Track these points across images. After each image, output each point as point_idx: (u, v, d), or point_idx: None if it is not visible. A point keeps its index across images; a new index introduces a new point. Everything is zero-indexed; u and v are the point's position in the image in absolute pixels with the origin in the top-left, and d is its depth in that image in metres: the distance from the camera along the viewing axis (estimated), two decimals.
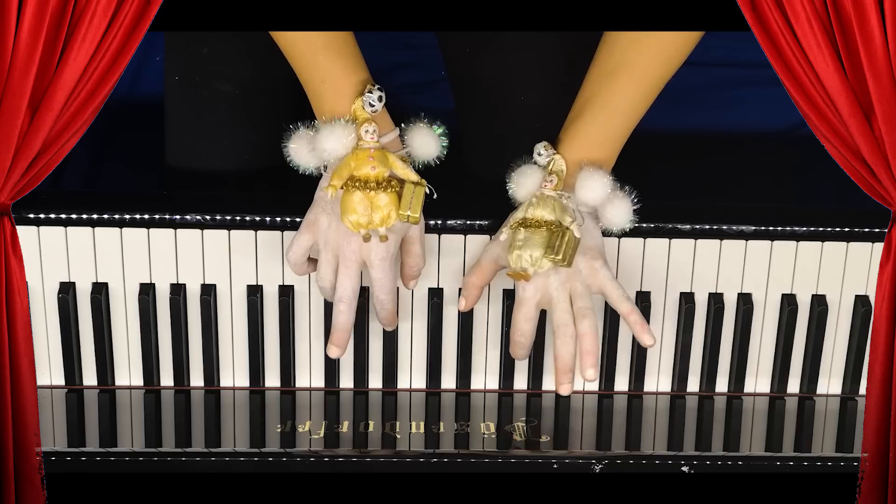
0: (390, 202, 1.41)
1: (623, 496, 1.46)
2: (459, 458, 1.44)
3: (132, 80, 1.99)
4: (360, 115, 1.41)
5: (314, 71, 1.42)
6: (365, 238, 1.41)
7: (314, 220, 1.44)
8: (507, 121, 1.62)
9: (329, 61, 1.41)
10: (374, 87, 1.41)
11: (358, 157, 1.41)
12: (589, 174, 1.43)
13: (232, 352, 1.54)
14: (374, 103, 1.41)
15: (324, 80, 1.42)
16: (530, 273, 1.43)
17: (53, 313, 1.51)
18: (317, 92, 1.43)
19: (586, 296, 1.44)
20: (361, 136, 1.41)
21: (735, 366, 1.56)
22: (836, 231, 1.52)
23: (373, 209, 1.40)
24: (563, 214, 1.43)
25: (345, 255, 1.43)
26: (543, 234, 1.42)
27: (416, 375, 1.55)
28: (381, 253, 1.43)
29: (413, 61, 2.04)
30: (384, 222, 1.41)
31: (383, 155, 1.42)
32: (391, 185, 1.41)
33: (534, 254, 1.42)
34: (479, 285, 1.48)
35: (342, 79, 1.42)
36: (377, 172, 1.41)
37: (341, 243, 1.43)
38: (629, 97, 1.44)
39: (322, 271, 1.45)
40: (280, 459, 1.43)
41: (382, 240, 1.42)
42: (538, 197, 1.45)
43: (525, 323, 1.46)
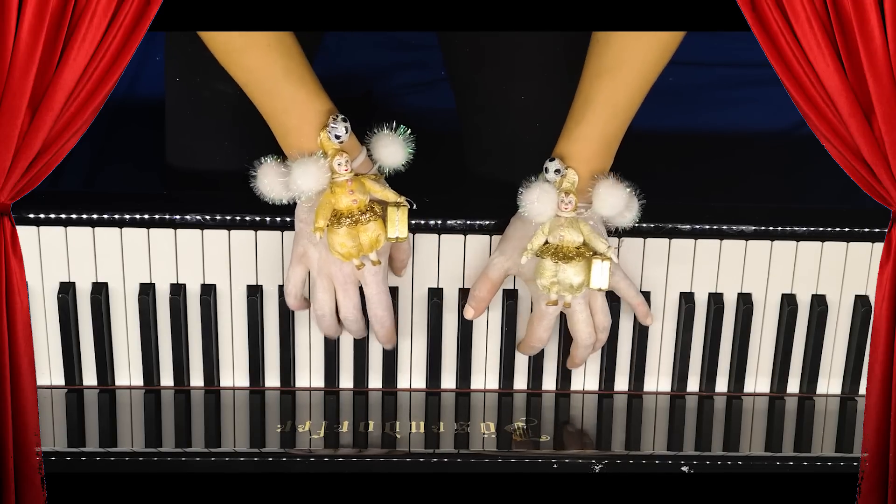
0: (377, 228, 1.41)
1: (623, 496, 1.46)
2: (459, 458, 1.44)
3: (132, 80, 1.99)
4: (329, 146, 1.40)
5: (277, 101, 1.41)
6: (358, 267, 1.43)
7: (303, 252, 1.45)
8: (507, 121, 1.62)
9: (292, 89, 1.40)
10: (338, 117, 1.40)
11: (335, 192, 1.40)
12: (606, 189, 1.42)
13: (232, 352, 1.54)
14: (341, 134, 1.39)
15: (287, 109, 1.40)
16: (569, 301, 1.45)
17: (53, 313, 1.51)
18: (280, 123, 1.41)
19: (607, 309, 1.49)
20: (335, 168, 1.40)
21: (735, 366, 1.56)
22: (836, 231, 1.52)
23: (361, 238, 1.41)
24: (593, 238, 1.43)
25: (339, 280, 1.45)
26: (581, 263, 1.43)
27: (416, 375, 1.55)
28: (374, 271, 1.44)
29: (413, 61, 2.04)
30: (374, 247, 1.42)
31: (360, 183, 1.41)
32: (374, 212, 1.41)
33: (573, 284, 1.43)
34: (489, 298, 1.50)
35: (307, 106, 1.40)
36: (359, 203, 1.40)
37: (333, 270, 1.44)
38: (629, 94, 1.43)
39: (319, 299, 1.46)
40: (280, 459, 1.43)
41: (375, 264, 1.43)
42: (563, 221, 1.43)
43: (545, 333, 1.49)
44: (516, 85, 1.61)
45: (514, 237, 1.47)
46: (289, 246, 1.50)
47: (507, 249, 1.47)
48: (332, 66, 1.93)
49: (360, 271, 1.44)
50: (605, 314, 1.49)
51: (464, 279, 1.52)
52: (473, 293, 1.49)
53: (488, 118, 1.64)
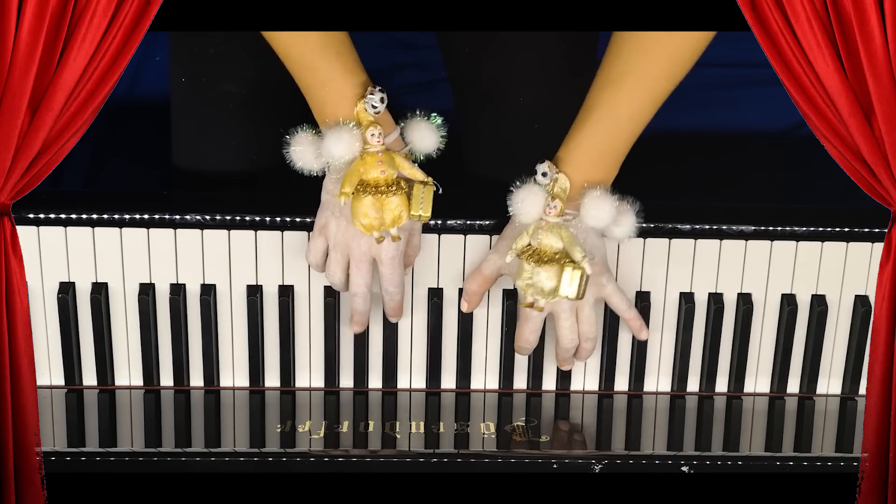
0: (401, 203, 1.42)
1: (623, 496, 1.46)
2: (459, 458, 1.44)
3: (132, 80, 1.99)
4: (364, 118, 1.41)
5: (313, 74, 1.42)
6: (378, 240, 1.42)
7: (325, 223, 1.46)
8: (506, 121, 1.62)
9: (328, 63, 1.41)
10: (376, 88, 1.41)
11: (366, 161, 1.41)
12: (594, 200, 1.42)
13: (232, 352, 1.54)
14: (377, 105, 1.40)
15: (324, 82, 1.41)
16: (542, 306, 1.45)
17: (53, 313, 1.51)
18: (317, 95, 1.42)
19: (593, 320, 1.49)
20: (367, 139, 1.41)
21: (735, 366, 1.56)
22: (836, 231, 1.52)
23: (384, 211, 1.41)
24: (572, 246, 1.43)
25: (355, 255, 1.45)
26: (554, 268, 1.43)
27: (415, 375, 1.55)
28: (392, 251, 1.44)
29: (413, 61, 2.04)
30: (395, 223, 1.42)
31: (390, 157, 1.42)
32: (400, 187, 1.42)
33: (545, 289, 1.43)
34: (481, 292, 1.50)
35: (343, 80, 1.41)
36: (387, 175, 1.41)
37: (350, 244, 1.45)
38: (634, 106, 1.43)
39: (331, 269, 1.47)
40: (280, 459, 1.43)
41: (395, 240, 1.43)
42: (543, 224, 1.43)
43: (532, 335, 1.50)
44: (515, 85, 1.61)
45: (508, 236, 1.47)
46: (289, 246, 1.50)
47: (501, 248, 1.48)
48: None
49: (376, 249, 1.44)
50: (590, 324, 1.49)
51: (464, 279, 1.52)
52: (466, 287, 1.50)
53: (487, 118, 1.64)
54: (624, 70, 1.42)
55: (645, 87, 1.42)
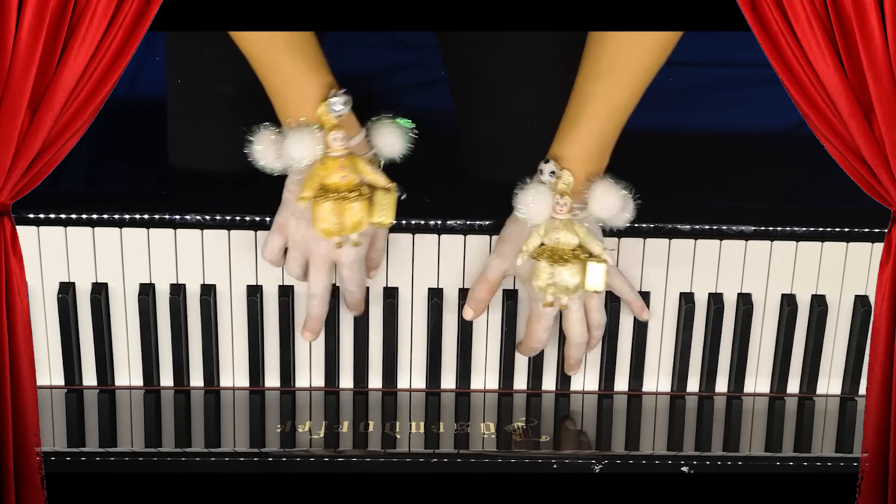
0: (362, 209, 1.40)
1: (623, 496, 1.46)
2: (459, 458, 1.44)
3: (132, 80, 1.99)
4: (327, 120, 1.39)
5: (277, 73, 1.40)
6: (338, 245, 1.42)
7: (283, 223, 1.45)
8: (506, 121, 1.62)
9: (292, 62, 1.39)
10: (340, 91, 1.39)
11: (327, 165, 1.39)
12: (602, 190, 1.42)
13: (232, 352, 1.54)
14: (339, 108, 1.38)
15: (287, 81, 1.40)
16: (566, 303, 1.45)
17: (53, 313, 1.51)
18: (280, 95, 1.41)
19: (601, 308, 1.49)
20: (330, 143, 1.39)
21: (735, 366, 1.56)
22: (836, 231, 1.52)
23: (344, 217, 1.40)
24: (588, 240, 1.43)
25: (315, 258, 1.44)
26: (576, 265, 1.43)
27: (416, 375, 1.55)
28: (352, 256, 1.44)
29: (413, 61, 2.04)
30: (356, 228, 1.41)
31: (353, 161, 1.40)
32: (362, 193, 1.40)
33: (569, 286, 1.43)
34: (488, 299, 1.50)
35: (306, 80, 1.39)
36: (348, 181, 1.40)
37: (311, 246, 1.44)
38: (625, 95, 1.43)
39: (289, 266, 1.46)
40: (280, 459, 1.43)
41: (355, 245, 1.42)
42: (557, 223, 1.43)
43: (543, 333, 1.49)
44: (514, 85, 1.61)
45: (510, 239, 1.47)
46: None
47: (504, 251, 1.47)
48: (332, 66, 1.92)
49: (336, 253, 1.43)
50: (599, 312, 1.49)
51: (464, 279, 1.52)
52: (472, 294, 1.49)
53: (487, 118, 1.64)
54: (613, 60, 1.42)
55: (635, 75, 1.42)
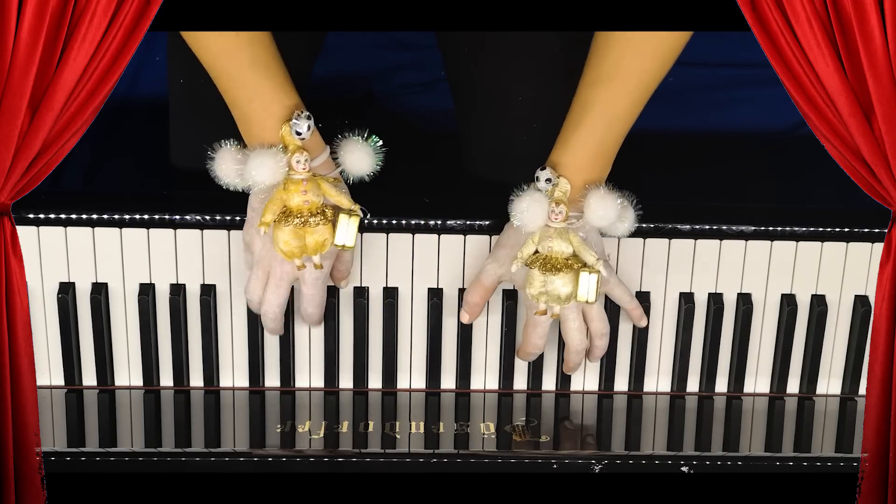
0: (325, 231, 1.40)
1: (623, 496, 1.46)
2: (459, 458, 1.44)
3: (132, 80, 1.99)
4: (290, 141, 1.38)
5: (241, 89, 1.39)
6: (299, 267, 1.42)
7: (249, 241, 1.45)
8: (505, 121, 1.62)
9: (257, 78, 1.38)
10: (302, 113, 1.37)
11: (288, 189, 1.38)
12: (597, 199, 1.41)
13: (232, 352, 1.54)
14: (302, 131, 1.37)
15: (251, 98, 1.38)
16: (557, 312, 1.45)
17: (53, 313, 1.51)
18: (244, 112, 1.39)
19: (602, 316, 1.49)
20: (293, 165, 1.38)
21: (735, 366, 1.56)
22: (835, 231, 1.52)
23: (306, 240, 1.39)
24: (582, 250, 1.42)
25: (275, 275, 1.44)
26: (568, 275, 1.42)
27: (415, 375, 1.55)
28: (315, 274, 1.44)
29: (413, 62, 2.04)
30: (318, 250, 1.41)
31: (315, 183, 1.39)
32: (325, 216, 1.40)
33: (561, 296, 1.43)
34: (482, 304, 1.50)
35: (271, 97, 1.38)
36: (311, 204, 1.39)
37: (273, 265, 1.44)
38: (627, 103, 1.42)
39: (251, 285, 1.46)
40: (280, 459, 1.43)
41: (317, 267, 1.42)
42: (551, 231, 1.42)
43: (540, 340, 1.49)
44: (514, 85, 1.61)
45: (506, 245, 1.47)
46: None
47: (500, 256, 1.47)
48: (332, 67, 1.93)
49: (298, 273, 1.43)
50: (601, 321, 1.49)
51: (463, 279, 1.52)
52: (467, 298, 1.49)
53: (486, 118, 1.64)
54: (616, 66, 1.41)
55: (638, 82, 1.41)
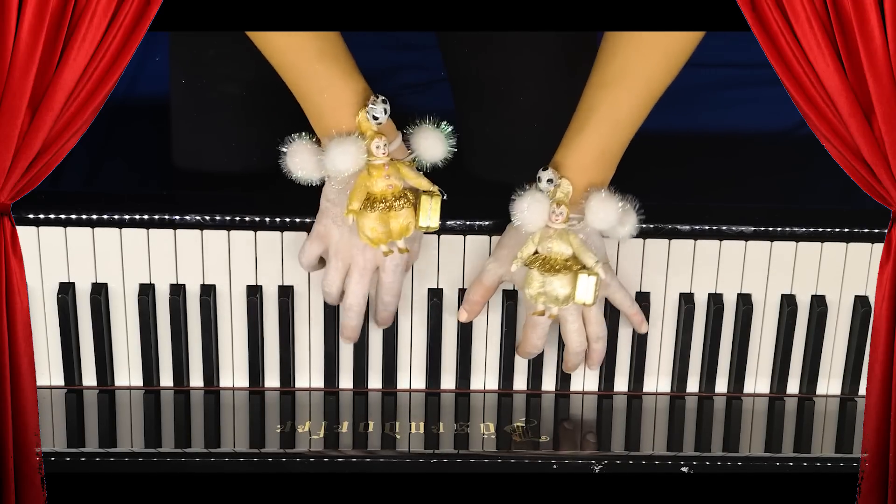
0: (409, 215, 1.41)
1: (623, 496, 1.46)
2: (459, 459, 1.44)
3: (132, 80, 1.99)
4: (367, 128, 1.38)
5: (311, 81, 1.39)
6: (385, 253, 1.42)
7: (324, 232, 1.44)
8: (506, 121, 1.62)
9: (326, 69, 1.38)
10: (378, 98, 1.38)
11: (372, 175, 1.39)
12: (599, 202, 1.41)
13: (232, 352, 1.54)
14: (379, 115, 1.38)
15: (322, 89, 1.39)
16: (555, 314, 1.45)
17: (53, 313, 1.51)
18: (315, 103, 1.40)
19: (601, 319, 1.49)
20: (372, 151, 1.38)
21: (735, 366, 1.56)
22: (835, 231, 1.52)
23: (391, 225, 1.40)
24: (582, 251, 1.42)
25: (359, 264, 1.44)
26: (567, 276, 1.42)
27: (415, 376, 1.55)
28: (397, 260, 1.44)
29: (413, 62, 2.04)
30: (403, 234, 1.41)
31: (396, 168, 1.40)
32: (407, 199, 1.40)
33: (559, 297, 1.43)
34: (483, 303, 1.50)
35: (342, 86, 1.39)
36: (394, 188, 1.40)
37: (355, 253, 1.43)
38: (634, 105, 1.42)
39: (330, 277, 1.46)
40: (280, 459, 1.43)
41: (403, 252, 1.42)
42: (551, 232, 1.42)
43: (539, 340, 1.49)
44: (515, 85, 1.61)
45: (508, 245, 1.47)
46: (289, 247, 1.50)
47: (501, 256, 1.47)
48: None
49: (380, 259, 1.43)
50: (599, 324, 1.49)
51: (463, 279, 1.52)
52: (467, 297, 1.49)
53: (487, 119, 1.64)
54: (622, 69, 1.41)
55: (645, 86, 1.41)
